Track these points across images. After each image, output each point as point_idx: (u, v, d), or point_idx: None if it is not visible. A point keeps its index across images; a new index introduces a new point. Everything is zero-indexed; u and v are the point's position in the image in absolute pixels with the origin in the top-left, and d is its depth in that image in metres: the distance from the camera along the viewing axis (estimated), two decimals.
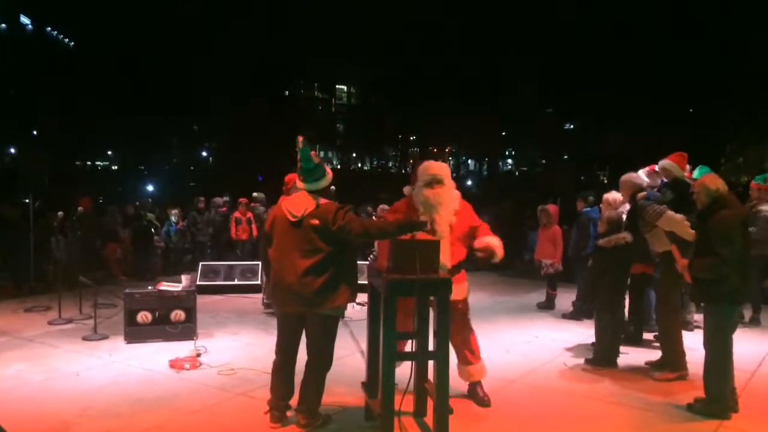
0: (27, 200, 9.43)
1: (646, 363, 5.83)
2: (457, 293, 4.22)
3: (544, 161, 29.38)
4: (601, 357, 5.80)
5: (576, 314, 7.68)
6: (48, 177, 9.56)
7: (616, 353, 5.83)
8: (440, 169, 4.60)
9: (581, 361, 5.95)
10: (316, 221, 4.08)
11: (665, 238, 5.32)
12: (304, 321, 4.25)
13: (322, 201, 4.18)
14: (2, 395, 5.01)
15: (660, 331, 5.77)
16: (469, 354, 4.77)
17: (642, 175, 6.37)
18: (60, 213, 9.93)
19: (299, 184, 4.27)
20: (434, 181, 4.49)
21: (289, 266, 4.13)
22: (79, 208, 11.05)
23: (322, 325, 4.22)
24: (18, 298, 8.81)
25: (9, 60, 32.47)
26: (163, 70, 36.23)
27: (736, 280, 4.47)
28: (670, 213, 5.25)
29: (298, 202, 4.20)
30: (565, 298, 8.32)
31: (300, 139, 4.18)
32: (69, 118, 34.30)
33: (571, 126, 25.05)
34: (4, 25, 35.79)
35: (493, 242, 4.55)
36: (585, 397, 5.03)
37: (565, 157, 31.23)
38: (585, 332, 6.98)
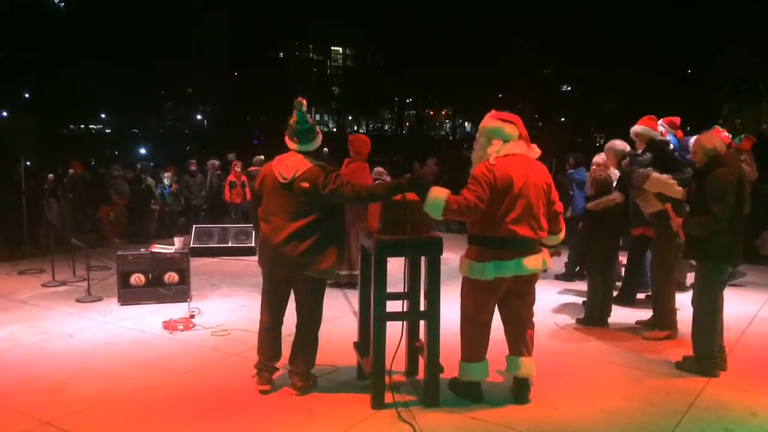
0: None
1: (637, 322, 5.88)
2: (535, 262, 3.99)
3: (540, 123, 29.17)
4: (592, 317, 5.84)
5: (568, 275, 7.71)
6: (37, 140, 9.47)
7: (608, 313, 5.87)
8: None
9: (573, 321, 5.99)
10: (306, 184, 4.04)
11: (655, 200, 5.33)
12: (291, 282, 4.25)
13: (312, 164, 4.13)
14: None
15: (653, 290, 5.80)
16: (531, 343, 4.22)
17: (660, 128, 6.27)
18: (51, 175, 9.85)
19: (291, 145, 4.21)
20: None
21: (277, 227, 4.12)
22: (70, 171, 10.97)
23: (309, 288, 4.24)
24: (11, 261, 8.80)
25: None
26: (157, 32, 35.64)
27: (727, 239, 4.47)
28: (656, 174, 5.28)
29: (289, 162, 4.14)
30: (560, 260, 8.31)
31: (303, 101, 4.13)
32: (60, 79, 33.85)
33: (569, 88, 24.82)
34: None
35: None
36: (575, 356, 5.07)
37: (562, 119, 31.03)
38: (577, 293, 7.02)
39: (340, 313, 6.27)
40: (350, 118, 58.23)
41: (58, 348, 5.26)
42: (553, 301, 6.78)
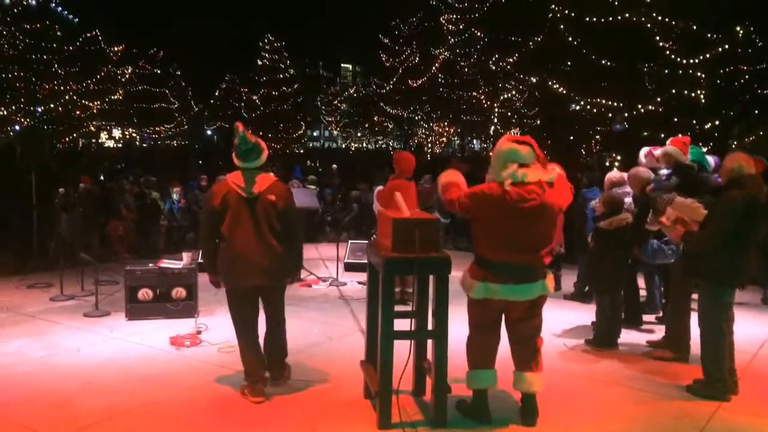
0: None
1: (648, 342, 5.82)
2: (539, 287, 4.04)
3: (549, 142, 29.11)
4: (601, 338, 5.78)
5: (578, 295, 7.65)
6: (50, 153, 9.54)
7: (617, 334, 5.81)
8: None
9: (581, 341, 5.94)
10: (272, 197, 4.40)
11: (678, 224, 5.29)
12: (258, 293, 4.54)
13: (273, 178, 4.55)
14: (3, 370, 5.04)
15: (669, 311, 5.75)
16: (539, 358, 4.17)
17: (641, 156, 6.38)
18: (61, 189, 9.91)
19: (238, 163, 4.49)
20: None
21: (249, 241, 4.35)
22: (81, 185, 11.03)
23: (280, 293, 4.65)
24: (20, 275, 8.83)
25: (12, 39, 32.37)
26: (172, 51, 36.19)
27: (726, 260, 4.44)
28: (679, 198, 5.22)
29: (249, 179, 4.41)
30: (571, 279, 8.27)
31: (240, 126, 4.53)
32: (72, 95, 34.28)
33: (577, 107, 24.82)
34: (7, 1, 35.54)
35: None
36: (583, 377, 5.02)
37: (570, 138, 30.92)
38: (586, 313, 6.96)
39: (347, 331, 6.25)
40: (359, 135, 58.55)
41: (65, 363, 5.26)
42: (561, 321, 6.72)
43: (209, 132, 59.71)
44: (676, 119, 19.82)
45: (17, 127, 33.49)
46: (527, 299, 3.98)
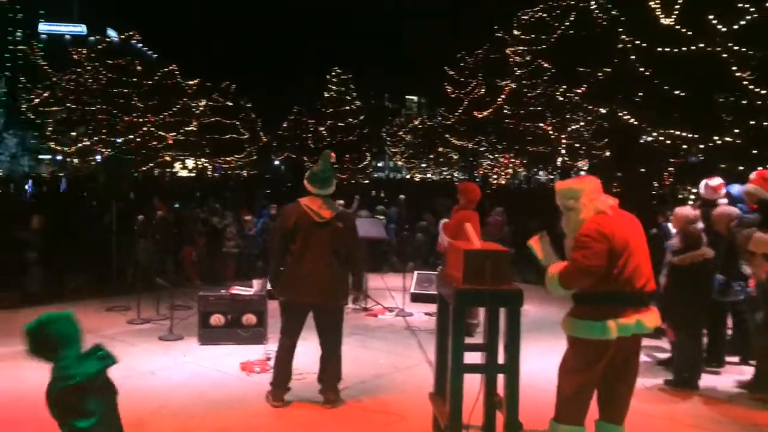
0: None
1: (738, 384, 5.53)
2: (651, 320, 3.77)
3: (619, 174, 28.43)
4: (681, 377, 5.53)
5: (655, 332, 7.34)
6: (130, 183, 9.97)
7: (698, 375, 5.55)
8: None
9: (660, 381, 5.69)
10: (340, 224, 4.81)
11: (763, 261, 5.11)
12: (311, 311, 4.89)
13: (340, 206, 5.05)
14: None
15: (758, 352, 5.47)
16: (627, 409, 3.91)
17: (701, 188, 6.33)
18: (140, 217, 10.33)
19: (312, 189, 4.84)
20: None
21: (314, 262, 4.69)
22: (158, 212, 11.46)
23: (338, 314, 4.98)
24: (100, 298, 9.19)
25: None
26: (243, 84, 37.63)
27: None
28: (758, 234, 5.07)
29: (322, 205, 4.81)
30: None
31: (332, 155, 5.07)
32: (150, 127, 35.89)
33: (649, 138, 24.21)
34: (92, 38, 37.70)
35: None
36: (663, 419, 4.81)
37: (642, 170, 30.08)
38: (666, 350, 6.68)
39: (413, 362, 6.20)
40: (423, 165, 58.75)
41: (140, 385, 5.41)
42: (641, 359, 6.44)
43: (276, 162, 61.17)
44: (755, 151, 19.04)
45: (98, 157, 35.25)
46: (649, 330, 3.79)
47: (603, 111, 25.25)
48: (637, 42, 20.17)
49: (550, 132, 31.48)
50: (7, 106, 29.82)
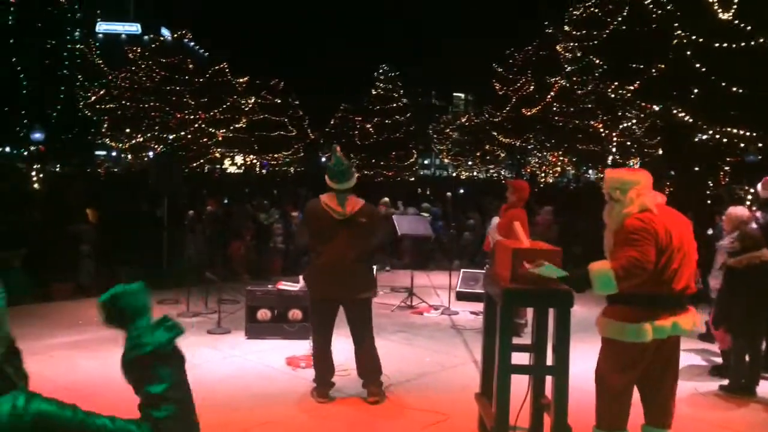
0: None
1: None
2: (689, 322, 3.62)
3: (672, 173, 27.67)
4: (737, 383, 5.33)
5: (710, 336, 7.10)
6: (180, 179, 10.16)
7: (756, 380, 5.34)
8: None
9: (715, 386, 5.49)
10: (363, 219, 4.74)
11: None
12: (339, 307, 4.84)
13: (362, 200, 4.84)
14: None
15: None
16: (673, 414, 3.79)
17: (759, 187, 6.08)
18: (191, 212, 10.52)
19: (332, 184, 4.80)
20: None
21: (335, 258, 4.65)
22: (208, 208, 11.66)
23: (364, 308, 4.89)
24: (151, 291, 9.37)
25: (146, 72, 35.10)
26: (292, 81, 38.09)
27: None
28: None
29: (341, 201, 4.74)
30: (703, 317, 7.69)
31: (338, 148, 5.03)
32: (201, 124, 36.62)
33: (704, 137, 23.47)
34: (146, 38, 38.66)
35: None
36: (718, 427, 4.64)
37: (696, 168, 29.22)
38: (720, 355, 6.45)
39: (459, 361, 6.14)
40: (469, 163, 58.36)
41: (188, 377, 5.48)
42: (693, 363, 6.25)
43: (324, 159, 61.64)
44: None
45: (151, 154, 36.14)
46: (687, 332, 3.66)
47: (656, 108, 24.61)
48: (694, 37, 19.58)
49: (601, 129, 30.82)
50: (64, 103, 30.86)
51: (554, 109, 35.10)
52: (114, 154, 45.37)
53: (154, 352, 1.34)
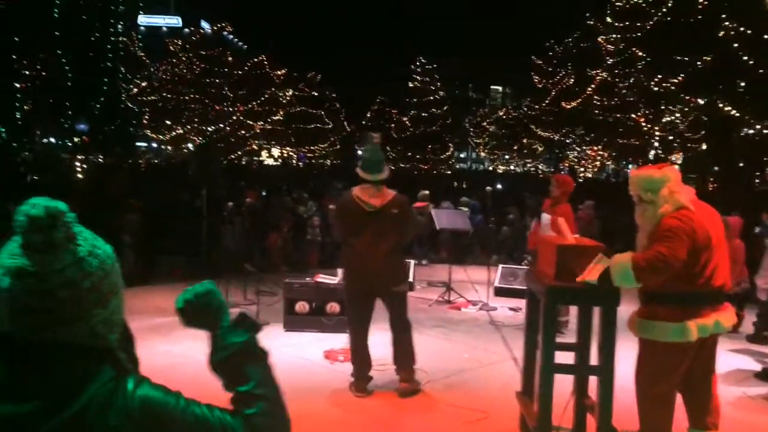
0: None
1: None
2: (728, 319, 3.57)
3: (716, 168, 26.98)
4: None
5: (759, 337, 6.87)
6: (219, 170, 10.25)
7: None
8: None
9: (764, 390, 5.31)
10: (395, 210, 4.67)
11: None
12: (375, 298, 4.84)
13: (393, 192, 4.77)
14: (173, 370, 5.39)
15: None
16: (718, 415, 3.71)
17: None
18: (230, 204, 10.62)
19: (364, 175, 4.74)
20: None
21: (368, 250, 4.61)
22: (247, 199, 11.76)
23: (399, 299, 4.85)
24: (190, 281, 9.50)
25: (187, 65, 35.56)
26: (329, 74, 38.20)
27: None
28: None
29: (373, 193, 4.68)
30: (750, 318, 7.44)
31: (377, 136, 4.65)
32: (239, 116, 37.00)
33: (751, 131, 22.81)
34: (186, 30, 39.15)
35: None
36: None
37: (741, 164, 28.41)
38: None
39: (498, 358, 6.06)
40: (507, 157, 57.77)
41: None
42: (741, 366, 6.06)
43: (360, 152, 61.73)
44: None
45: (191, 146, 36.66)
46: (727, 330, 3.61)
47: (701, 102, 23.99)
48: (742, 29, 19.00)
49: (643, 123, 30.15)
50: (108, 95, 31.54)
51: (595, 102, 34.46)
52: (155, 145, 46.14)
53: (241, 351, 1.35)
